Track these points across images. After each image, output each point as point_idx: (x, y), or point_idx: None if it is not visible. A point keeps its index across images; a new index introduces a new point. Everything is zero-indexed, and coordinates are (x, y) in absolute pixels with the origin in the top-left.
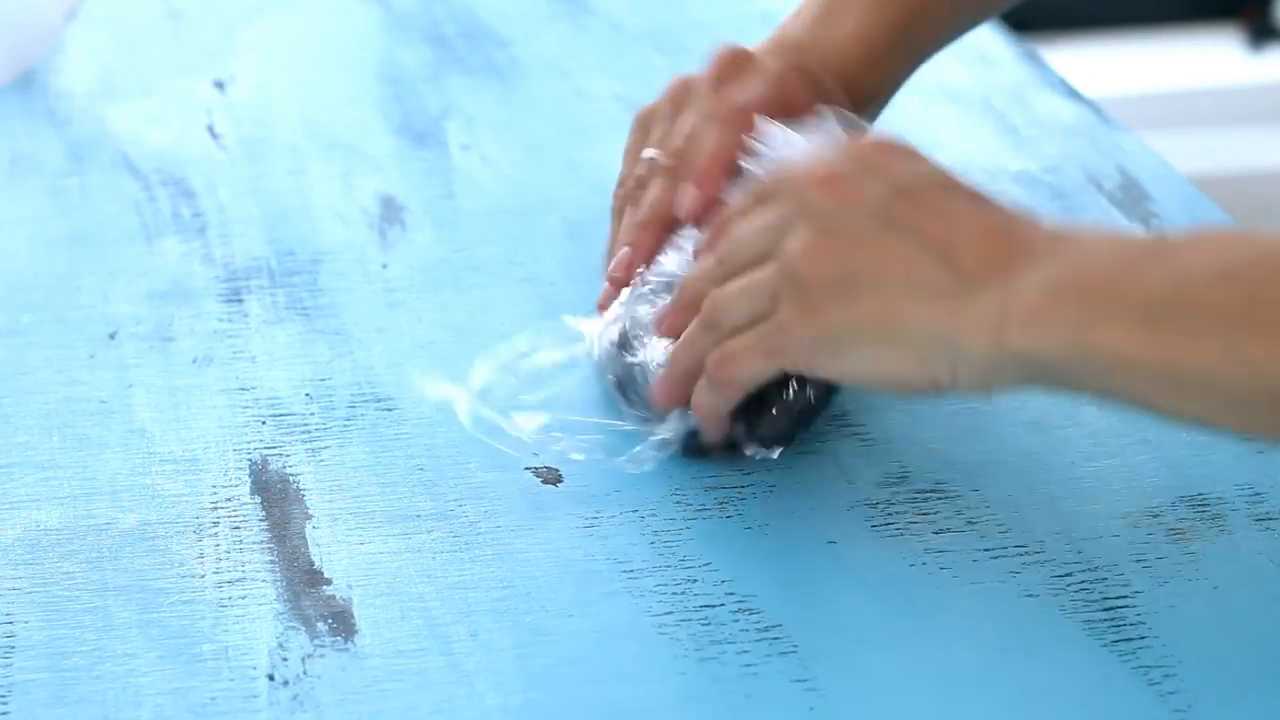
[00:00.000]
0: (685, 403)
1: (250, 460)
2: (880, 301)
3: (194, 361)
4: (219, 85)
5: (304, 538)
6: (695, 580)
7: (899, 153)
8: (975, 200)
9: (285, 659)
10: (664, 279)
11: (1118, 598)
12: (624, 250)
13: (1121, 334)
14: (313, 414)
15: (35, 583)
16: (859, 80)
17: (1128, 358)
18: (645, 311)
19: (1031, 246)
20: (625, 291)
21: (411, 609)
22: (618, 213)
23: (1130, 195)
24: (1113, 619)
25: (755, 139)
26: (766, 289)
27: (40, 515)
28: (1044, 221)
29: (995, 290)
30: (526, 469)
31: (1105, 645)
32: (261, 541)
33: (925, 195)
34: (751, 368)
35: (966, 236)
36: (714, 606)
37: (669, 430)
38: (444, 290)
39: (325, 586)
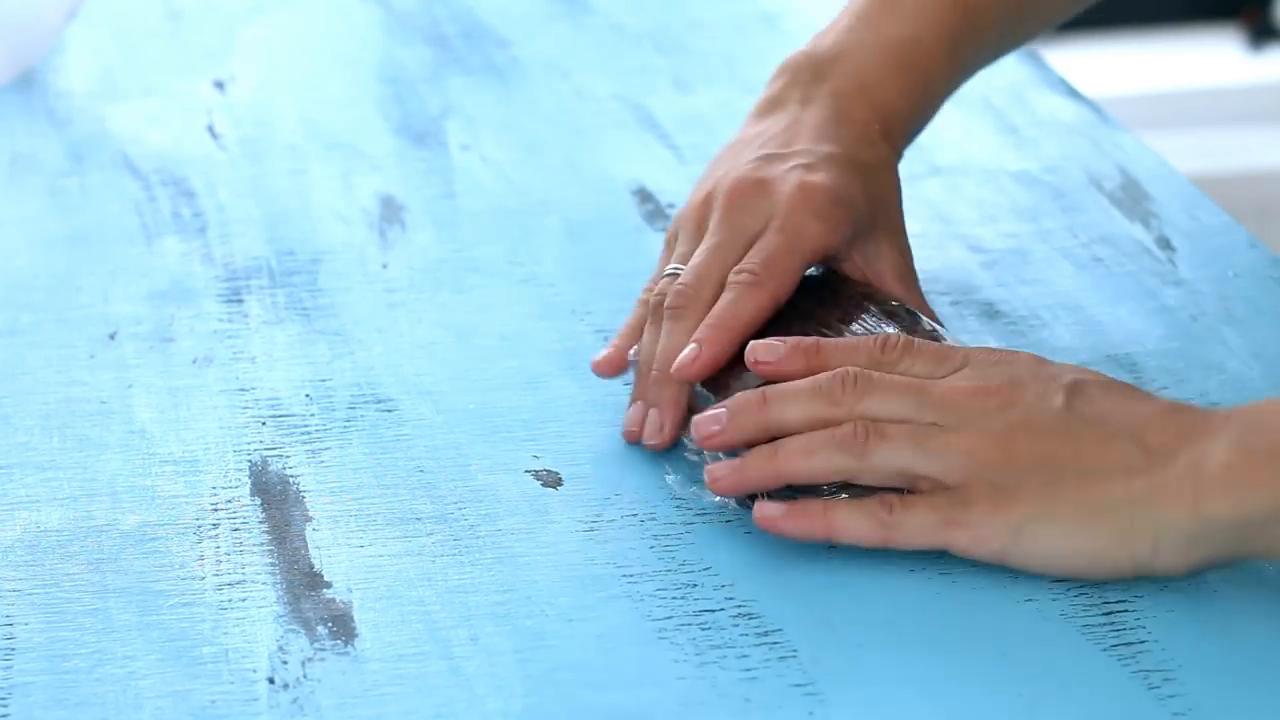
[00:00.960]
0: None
1: (250, 461)
2: (1078, 485)
3: (194, 362)
4: (219, 85)
5: (304, 540)
6: (695, 585)
7: (1035, 360)
8: (1135, 389)
9: (285, 662)
10: None
11: (1117, 602)
12: (636, 407)
13: None
14: (313, 415)
15: (35, 584)
16: (891, 93)
17: None
18: None
19: (1209, 418)
20: None
21: (412, 613)
22: (639, 314)
23: (1130, 195)
24: (1112, 623)
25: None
26: (940, 461)
27: (40, 516)
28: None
29: (1187, 458)
30: (527, 472)
31: (1105, 650)
32: (261, 544)
33: (1095, 389)
34: (924, 536)
35: (1148, 417)
36: (714, 611)
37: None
38: (444, 290)
39: (325, 589)
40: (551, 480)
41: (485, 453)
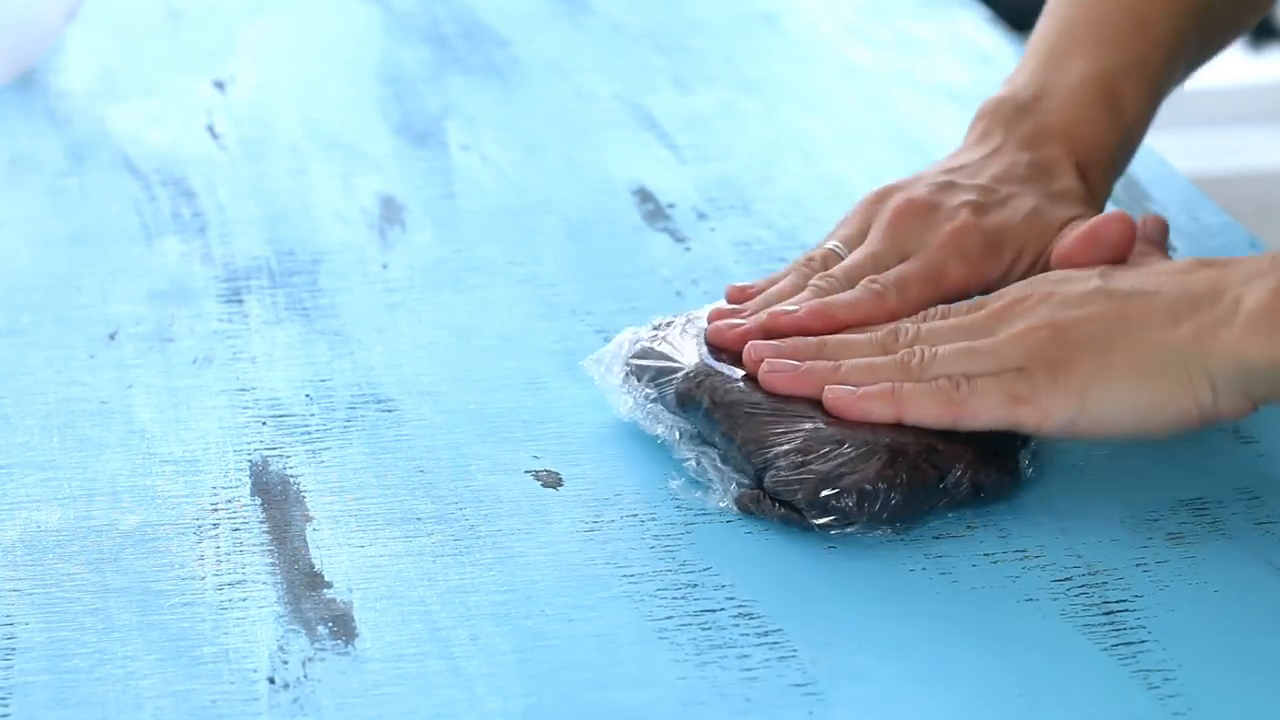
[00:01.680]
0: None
1: (250, 461)
2: (1129, 345)
3: (194, 362)
4: (219, 85)
5: (304, 540)
6: (695, 585)
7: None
8: (1159, 267)
9: (285, 662)
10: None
11: (1117, 601)
12: (731, 323)
13: None
14: (313, 415)
15: (35, 584)
16: (1094, 127)
17: None
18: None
19: (1252, 261)
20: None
21: (412, 612)
22: (796, 272)
23: (1130, 195)
24: (1112, 623)
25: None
26: (994, 355)
27: (40, 516)
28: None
29: (1230, 298)
30: (527, 472)
31: (1105, 649)
32: (262, 544)
33: (1122, 269)
34: (991, 412)
35: (1184, 269)
36: (714, 611)
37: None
38: (444, 290)
39: (326, 589)
40: (552, 480)
41: (485, 453)
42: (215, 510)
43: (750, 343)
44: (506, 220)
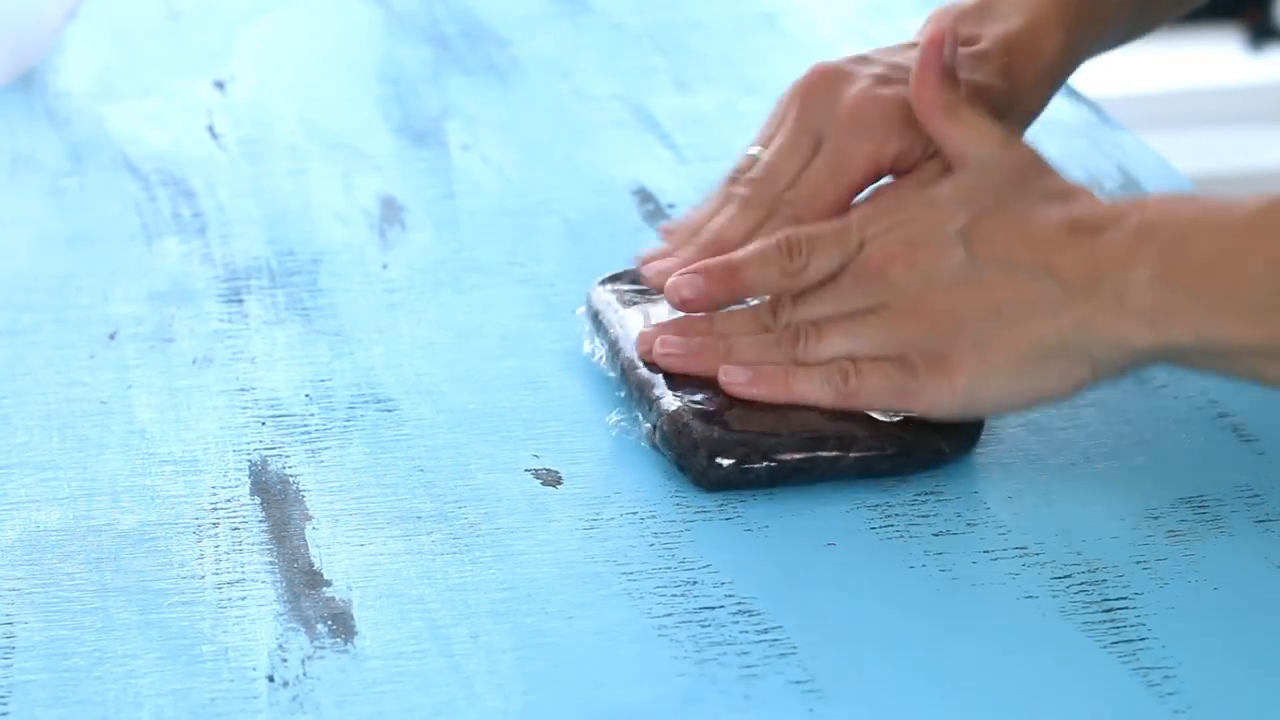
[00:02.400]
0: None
1: (250, 461)
2: (1008, 335)
3: (194, 362)
4: (219, 85)
5: (304, 539)
6: (695, 582)
7: (926, 194)
8: (1035, 204)
9: (285, 660)
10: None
11: (1117, 599)
12: (667, 261)
13: (1237, 326)
14: (312, 415)
15: (35, 584)
16: (1042, 32)
17: (1245, 345)
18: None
19: (1121, 238)
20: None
21: (411, 611)
22: (722, 190)
23: (1130, 195)
24: (1112, 620)
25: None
26: (868, 337)
27: (40, 516)
28: (1106, 201)
29: (1110, 289)
30: (526, 471)
31: (1105, 647)
32: (261, 542)
33: (991, 224)
34: (879, 401)
35: (1055, 243)
36: (714, 608)
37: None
38: (444, 290)
39: (325, 588)
40: (551, 479)
41: (485, 452)
42: (215, 509)
43: (640, 332)
44: (506, 220)
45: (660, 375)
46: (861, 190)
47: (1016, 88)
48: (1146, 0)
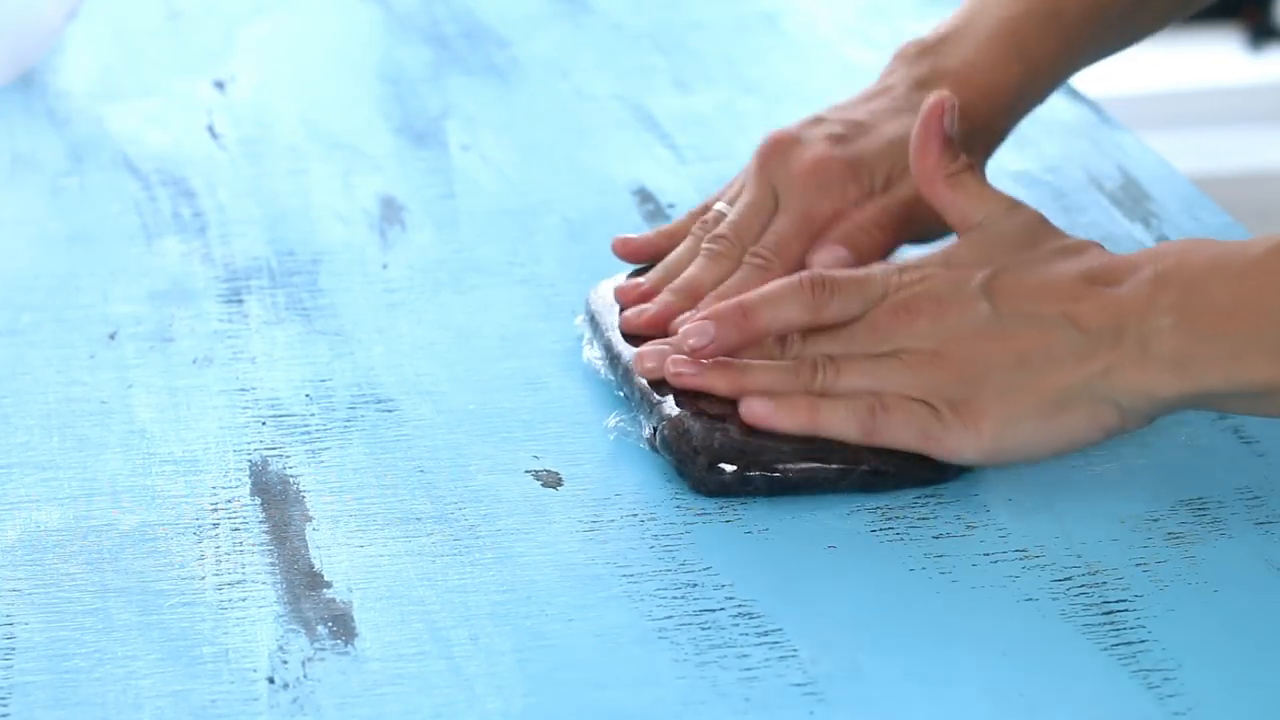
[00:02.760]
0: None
1: (250, 461)
2: (1034, 383)
3: (194, 362)
4: (219, 85)
5: (304, 540)
6: (695, 584)
7: (943, 255)
8: (1050, 258)
9: (285, 662)
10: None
11: (1117, 601)
12: (650, 310)
13: (1264, 366)
14: (313, 415)
15: (35, 584)
16: (999, 68)
17: (1276, 384)
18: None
19: (1141, 285)
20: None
21: (412, 612)
22: (679, 225)
23: (1130, 195)
24: (1112, 622)
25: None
26: (890, 379)
27: (40, 516)
28: (1119, 255)
29: (1133, 338)
30: (527, 472)
31: (1105, 649)
32: (262, 543)
33: (1012, 279)
34: (903, 442)
35: (1075, 294)
36: (714, 610)
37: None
38: (444, 290)
39: (325, 589)
40: (551, 480)
41: (485, 453)
42: (215, 510)
43: (670, 360)
44: (506, 220)
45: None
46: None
47: (974, 125)
48: (1120, 17)
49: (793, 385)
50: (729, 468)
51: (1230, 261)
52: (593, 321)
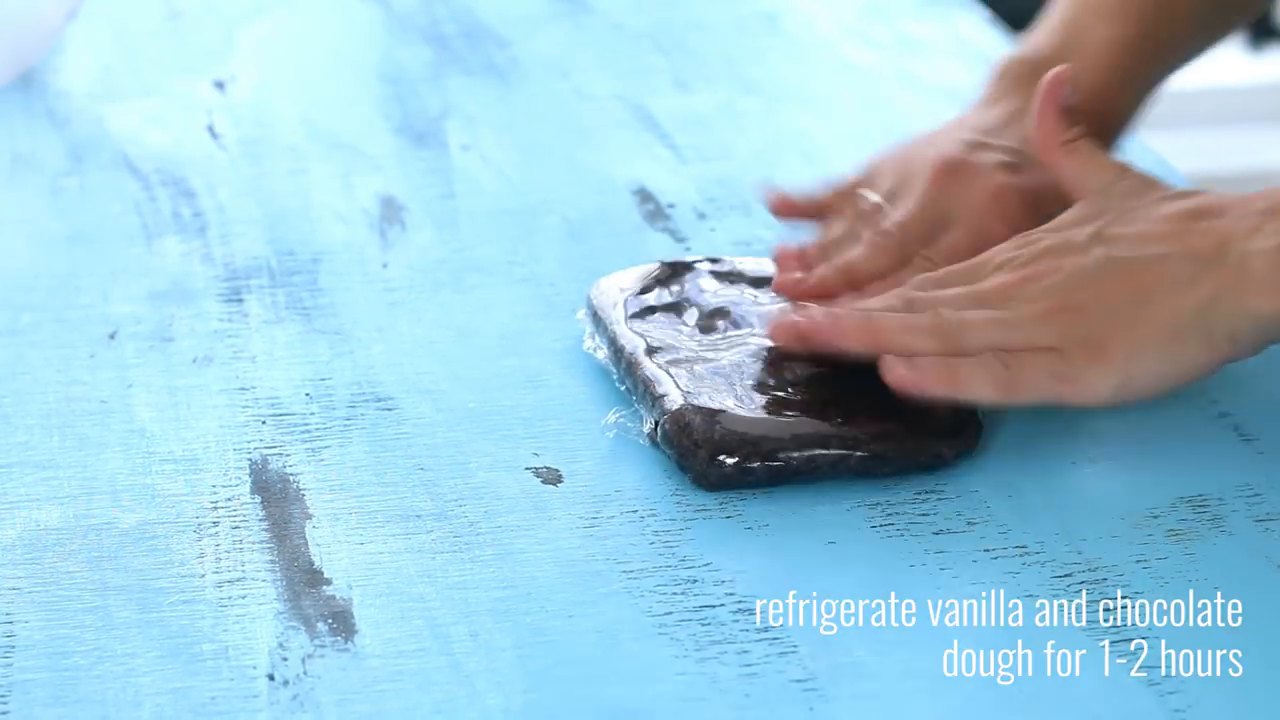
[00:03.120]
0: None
1: (250, 460)
2: (1153, 317)
3: (194, 361)
4: (219, 85)
5: (304, 537)
6: (695, 580)
7: (1050, 224)
8: (1156, 200)
9: (285, 659)
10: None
11: (1118, 598)
12: (800, 278)
13: None
14: (313, 414)
15: (35, 582)
16: (1112, 92)
17: None
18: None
19: (1248, 212)
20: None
21: (412, 609)
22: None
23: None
24: (1112, 620)
25: None
26: (1020, 328)
27: (40, 515)
28: (1226, 195)
29: (1235, 259)
30: (527, 469)
31: (1105, 646)
32: (261, 541)
33: (1122, 224)
34: (1038, 390)
35: (1185, 229)
36: (714, 607)
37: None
38: (444, 290)
39: (325, 586)
40: (551, 477)
41: (485, 450)
42: (215, 508)
43: (807, 312)
44: (506, 220)
45: (664, 373)
46: None
47: (1104, 141)
48: (1207, 24)
49: (927, 343)
50: (730, 459)
51: None
52: (595, 316)
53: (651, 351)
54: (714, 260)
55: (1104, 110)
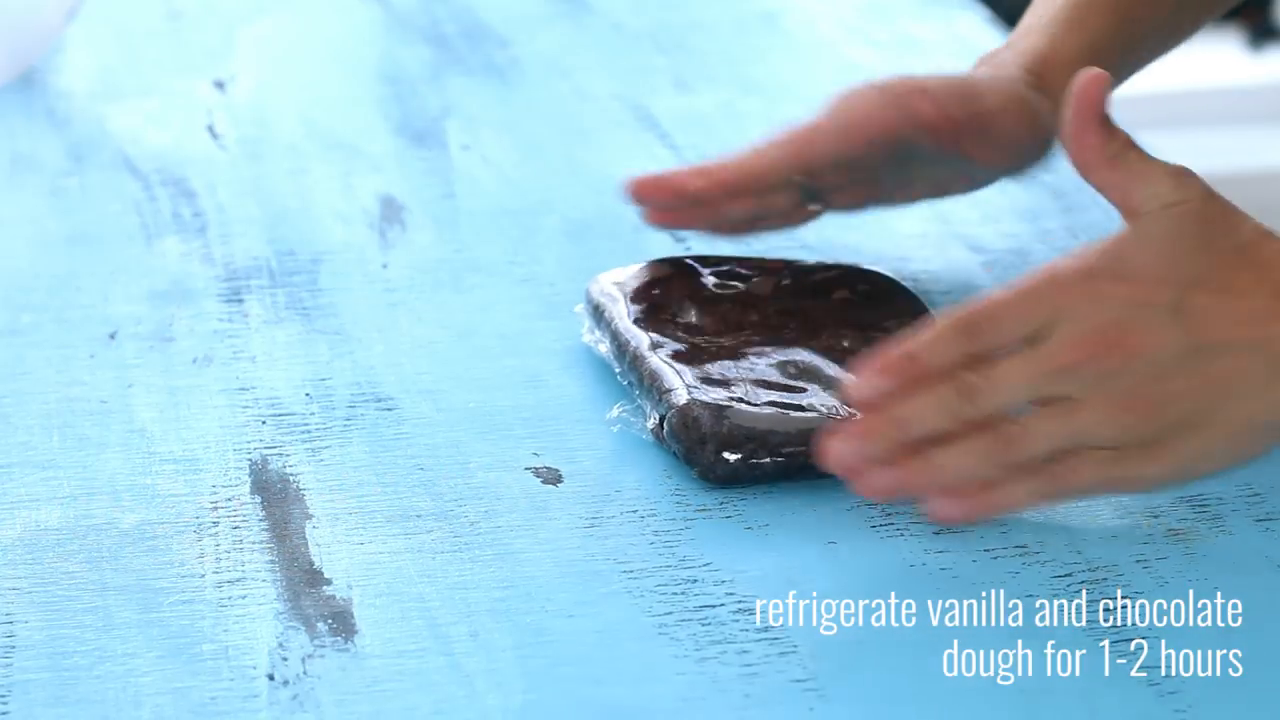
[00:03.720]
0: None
1: (250, 460)
2: (1223, 420)
3: (194, 361)
4: (219, 85)
5: (304, 537)
6: (695, 580)
7: (1120, 263)
8: (1235, 267)
9: (285, 659)
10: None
11: (1118, 598)
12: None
13: None
14: (313, 414)
15: (35, 583)
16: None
17: None
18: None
19: None
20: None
21: (411, 609)
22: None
23: None
24: (1112, 620)
25: None
26: (1084, 431)
27: (40, 515)
28: None
29: None
30: (527, 469)
31: (1105, 646)
32: (261, 541)
33: (1204, 301)
34: (1091, 493)
35: (1267, 319)
36: (714, 607)
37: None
38: (444, 290)
39: (325, 586)
40: (551, 477)
41: (485, 450)
42: (215, 508)
43: (864, 483)
44: (506, 220)
45: (669, 368)
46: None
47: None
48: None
49: (988, 468)
50: (738, 454)
51: None
52: (597, 310)
53: (656, 346)
54: (715, 259)
55: (1053, 58)
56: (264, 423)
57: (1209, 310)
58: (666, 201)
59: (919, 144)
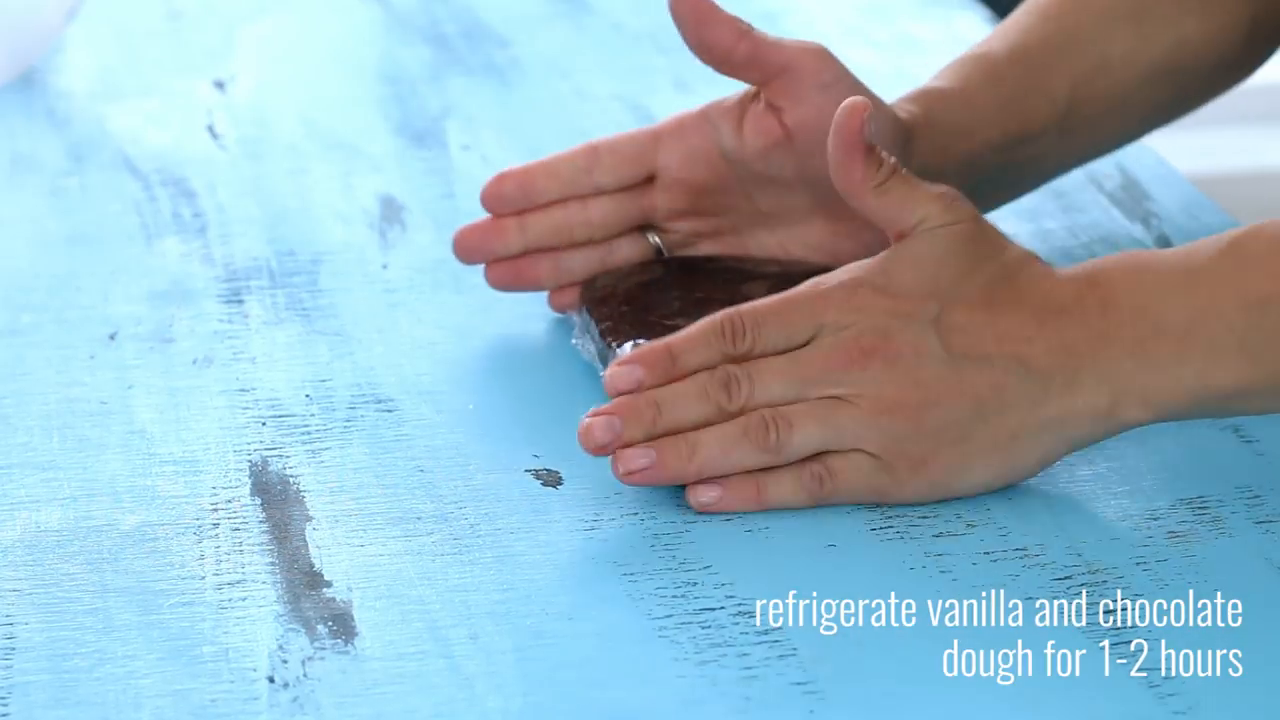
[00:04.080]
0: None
1: (250, 461)
2: (988, 433)
3: (194, 362)
4: (219, 85)
5: (304, 539)
6: (695, 583)
7: (884, 277)
8: (996, 285)
9: (285, 661)
10: None
11: (1118, 599)
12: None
13: (1229, 373)
14: (313, 415)
15: (35, 584)
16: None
17: (1245, 388)
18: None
19: (1088, 314)
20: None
21: (412, 612)
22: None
23: (1130, 195)
24: (1113, 621)
25: None
26: (843, 430)
27: (40, 516)
28: (1060, 273)
29: (1091, 378)
30: (527, 471)
31: (1105, 648)
32: (262, 543)
33: (962, 316)
34: (857, 498)
35: (1025, 337)
36: (714, 609)
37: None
38: (444, 290)
39: (325, 589)
40: (551, 479)
41: (485, 452)
42: (215, 510)
43: (582, 422)
44: None
45: None
46: None
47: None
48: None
49: (748, 456)
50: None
51: (1178, 276)
52: (586, 313)
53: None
54: (707, 260)
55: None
56: (264, 424)
57: (969, 325)
58: (505, 205)
59: (743, 159)
